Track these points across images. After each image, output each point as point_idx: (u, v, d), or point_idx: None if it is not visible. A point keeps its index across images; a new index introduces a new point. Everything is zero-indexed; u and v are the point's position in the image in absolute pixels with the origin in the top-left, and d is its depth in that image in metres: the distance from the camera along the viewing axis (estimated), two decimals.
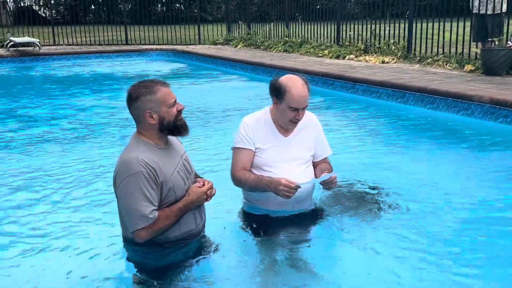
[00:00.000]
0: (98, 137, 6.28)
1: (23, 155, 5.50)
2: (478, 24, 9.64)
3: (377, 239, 3.34)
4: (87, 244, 3.37)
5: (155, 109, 2.77)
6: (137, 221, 2.70)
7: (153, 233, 2.76)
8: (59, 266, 3.14)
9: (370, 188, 4.26)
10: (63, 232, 3.59)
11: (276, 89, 3.23)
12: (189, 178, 2.96)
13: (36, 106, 8.53)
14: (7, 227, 3.70)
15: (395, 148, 5.62)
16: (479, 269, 3.02)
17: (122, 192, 2.74)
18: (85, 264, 3.15)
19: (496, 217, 3.78)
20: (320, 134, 3.49)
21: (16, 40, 14.81)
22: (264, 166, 3.30)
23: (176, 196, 2.83)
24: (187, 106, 3.08)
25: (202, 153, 5.36)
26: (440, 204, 3.92)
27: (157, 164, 2.74)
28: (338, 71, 9.52)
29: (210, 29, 17.96)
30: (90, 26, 18.37)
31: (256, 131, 3.32)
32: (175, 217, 2.82)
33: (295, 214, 3.41)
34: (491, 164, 4.98)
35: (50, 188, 4.44)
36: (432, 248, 3.24)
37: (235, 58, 12.67)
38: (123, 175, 2.72)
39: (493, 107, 6.49)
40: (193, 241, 3.00)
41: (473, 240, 3.38)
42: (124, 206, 2.76)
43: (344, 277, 2.94)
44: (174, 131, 2.86)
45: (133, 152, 2.76)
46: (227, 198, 3.83)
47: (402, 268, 3.02)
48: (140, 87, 2.79)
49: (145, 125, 2.81)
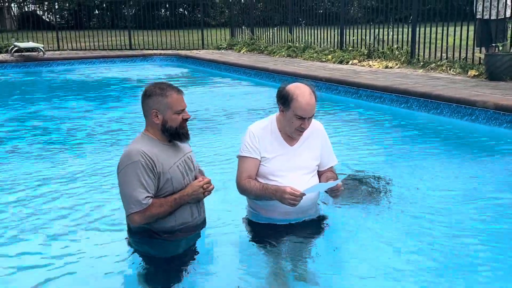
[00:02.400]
0: (100, 141, 6.30)
1: (28, 158, 5.53)
2: (482, 29, 9.61)
3: (384, 247, 3.33)
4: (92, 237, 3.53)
5: (161, 110, 2.99)
6: (131, 206, 2.91)
7: (146, 219, 2.94)
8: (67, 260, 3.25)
9: (373, 193, 4.26)
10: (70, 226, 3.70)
11: (283, 97, 3.22)
12: (189, 174, 3.10)
13: (38, 110, 8.55)
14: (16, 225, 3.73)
15: (397, 154, 5.59)
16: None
17: (121, 179, 2.96)
18: (89, 256, 3.30)
19: (498, 219, 3.76)
20: (326, 143, 3.47)
21: (20, 45, 14.83)
22: (269, 176, 3.29)
23: (174, 188, 3.00)
24: (190, 111, 3.14)
25: (204, 157, 5.36)
26: (439, 209, 3.91)
27: (156, 156, 2.95)
28: (342, 76, 9.51)
29: (214, 34, 17.99)
30: (94, 31, 18.42)
31: (262, 140, 3.31)
32: (169, 207, 2.98)
33: (300, 222, 3.39)
34: (495, 169, 4.97)
35: (59, 191, 4.48)
36: (439, 255, 3.22)
37: (239, 63, 12.68)
38: (124, 163, 2.95)
39: (497, 113, 6.47)
40: (190, 236, 3.15)
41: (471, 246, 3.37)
42: (122, 192, 2.98)
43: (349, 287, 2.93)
44: (174, 136, 3.05)
45: (136, 144, 3.01)
46: (231, 204, 3.83)
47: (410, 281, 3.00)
48: (156, 87, 3.02)
49: (150, 122, 3.04)
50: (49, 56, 15.17)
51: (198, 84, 11.42)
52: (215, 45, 17.19)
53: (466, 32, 9.53)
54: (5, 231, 3.69)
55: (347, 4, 13.87)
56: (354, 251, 3.32)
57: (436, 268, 3.08)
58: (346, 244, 3.41)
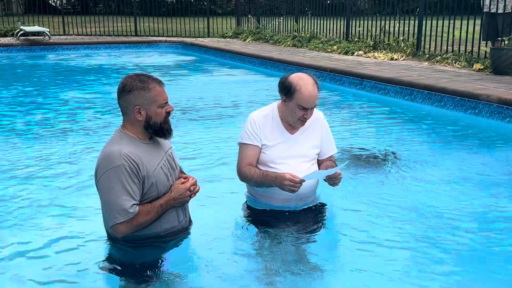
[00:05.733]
0: (102, 127, 6.33)
1: (28, 141, 5.60)
2: (488, 23, 9.57)
3: (381, 234, 3.38)
4: (70, 239, 3.32)
5: (145, 106, 2.72)
6: (117, 215, 2.65)
7: (133, 228, 2.71)
8: (40, 262, 3.08)
9: (372, 180, 4.31)
10: (49, 225, 3.56)
11: (286, 88, 3.23)
12: (172, 175, 2.89)
13: (42, 94, 8.61)
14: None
15: (399, 145, 5.61)
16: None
17: (102, 185, 2.69)
18: (66, 259, 3.08)
19: (495, 212, 3.81)
20: (327, 133, 3.50)
21: (26, 29, 14.85)
22: (269, 163, 3.31)
23: (158, 192, 2.78)
24: (194, 99, 3.10)
25: (207, 146, 5.41)
26: (441, 201, 3.94)
27: (140, 159, 2.69)
28: (346, 67, 9.50)
29: (220, 22, 17.95)
30: (100, 16, 18.38)
31: (263, 127, 3.33)
32: (156, 213, 2.76)
33: (299, 209, 3.43)
34: (496, 162, 5.01)
35: (54, 174, 4.51)
36: (439, 251, 3.26)
37: (244, 51, 12.67)
38: (105, 168, 2.67)
39: (501, 107, 6.47)
40: (178, 238, 2.96)
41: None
42: (105, 200, 2.71)
43: (347, 273, 2.97)
44: (158, 133, 2.80)
45: (115, 145, 2.72)
46: (231, 191, 3.88)
47: (410, 262, 3.05)
48: (136, 80, 2.73)
49: (131, 119, 2.77)
50: (54, 40, 15.18)
51: (203, 72, 11.42)
52: (220, 33, 17.15)
53: (473, 25, 9.50)
54: None
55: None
56: (352, 237, 3.36)
57: (429, 246, 3.15)
58: (344, 231, 3.45)
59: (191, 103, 7.64)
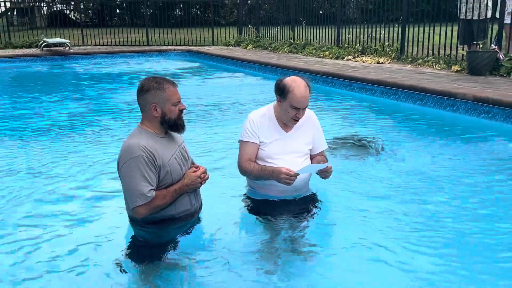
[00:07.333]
0: (120, 129, 6.34)
1: (47, 142, 5.60)
2: (464, 29, 9.57)
3: (370, 219, 3.40)
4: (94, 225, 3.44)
5: (160, 104, 2.84)
6: (137, 199, 2.77)
7: (151, 210, 2.82)
8: (71, 238, 3.21)
9: (362, 172, 4.31)
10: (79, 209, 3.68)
11: (281, 89, 3.25)
12: (185, 164, 3.00)
13: (65, 100, 8.60)
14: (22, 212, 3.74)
15: (385, 138, 5.61)
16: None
17: (124, 173, 2.81)
18: (95, 233, 3.25)
19: (471, 200, 3.81)
20: (318, 130, 3.52)
21: (48, 41, 14.89)
22: (267, 158, 3.33)
23: (172, 179, 2.89)
24: (200, 100, 3.14)
25: (211, 143, 5.42)
26: (420, 192, 3.96)
27: (156, 150, 2.81)
28: (337, 70, 9.49)
29: (223, 32, 17.94)
30: (115, 28, 18.38)
31: (261, 126, 3.35)
32: (171, 197, 2.87)
33: (295, 199, 3.45)
34: (473, 154, 5.03)
35: (75, 175, 4.52)
36: (425, 241, 3.27)
37: (245, 58, 12.67)
38: (125, 158, 2.79)
39: (476, 104, 6.47)
40: (190, 221, 3.07)
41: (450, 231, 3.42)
42: (125, 186, 2.82)
43: (340, 253, 3.00)
44: (172, 127, 2.92)
45: (134, 138, 2.83)
46: (233, 184, 3.89)
47: (397, 247, 3.05)
48: (152, 81, 2.87)
49: (149, 116, 2.89)
50: (74, 50, 15.19)
51: (208, 77, 11.43)
52: (224, 42, 17.13)
53: (451, 31, 9.49)
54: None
55: (344, 6, 13.79)
56: (342, 220, 3.41)
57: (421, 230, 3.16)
58: (335, 215, 3.49)
59: (198, 104, 7.65)
